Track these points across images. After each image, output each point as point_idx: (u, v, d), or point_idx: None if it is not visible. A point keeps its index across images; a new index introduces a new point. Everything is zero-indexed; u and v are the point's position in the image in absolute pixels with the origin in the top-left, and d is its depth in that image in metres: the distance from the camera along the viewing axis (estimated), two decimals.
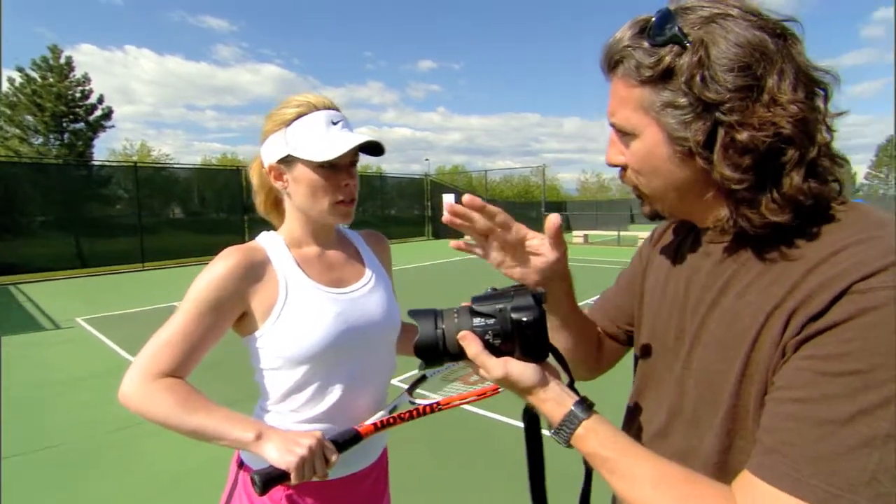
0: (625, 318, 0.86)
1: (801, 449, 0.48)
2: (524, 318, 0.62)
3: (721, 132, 0.54)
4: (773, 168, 0.54)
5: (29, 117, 20.00)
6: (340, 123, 1.00)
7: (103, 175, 15.30)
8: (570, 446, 0.60)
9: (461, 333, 0.63)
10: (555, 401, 0.61)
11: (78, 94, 20.91)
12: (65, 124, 20.67)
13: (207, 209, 16.74)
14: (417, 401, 1.02)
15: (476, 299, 0.65)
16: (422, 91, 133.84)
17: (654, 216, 0.69)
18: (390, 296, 1.14)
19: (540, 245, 0.72)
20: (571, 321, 0.83)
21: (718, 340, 0.60)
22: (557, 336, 0.82)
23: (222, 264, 0.95)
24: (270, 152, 1.02)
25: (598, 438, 0.58)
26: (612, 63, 0.61)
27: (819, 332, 0.49)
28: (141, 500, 2.65)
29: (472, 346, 0.62)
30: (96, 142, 21.81)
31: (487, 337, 0.63)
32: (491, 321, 0.63)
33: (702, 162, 0.56)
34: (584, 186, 55.54)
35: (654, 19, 0.56)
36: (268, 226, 1.14)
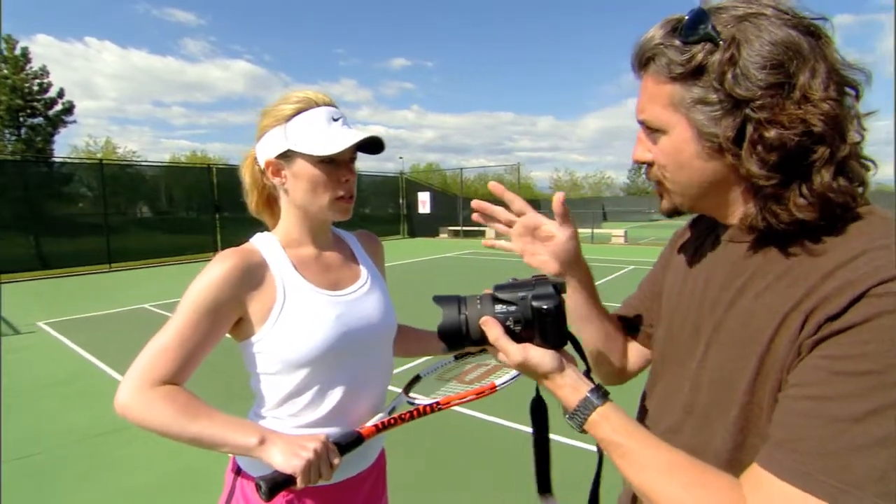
0: (648, 321, 0.87)
1: (812, 445, 0.49)
2: (544, 306, 0.65)
3: (750, 129, 0.55)
4: (802, 165, 0.54)
5: None
6: (341, 120, 1.00)
7: (65, 172, 14.64)
8: (583, 431, 0.62)
9: (483, 319, 0.66)
10: (571, 387, 0.64)
11: (35, 88, 19.99)
12: (21, 119, 19.73)
13: (176, 208, 16.26)
14: (416, 401, 1.02)
15: (498, 287, 0.69)
16: (395, 89, 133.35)
17: (673, 213, 0.69)
18: (386, 297, 1.14)
19: (552, 228, 0.77)
20: (595, 312, 0.85)
21: (734, 340, 0.61)
22: (585, 328, 0.85)
23: (218, 268, 0.93)
24: (268, 148, 1.00)
25: (611, 424, 0.60)
26: (643, 60, 0.62)
27: (836, 332, 0.50)
28: None
29: (493, 330, 0.65)
30: (56, 137, 20.92)
31: (508, 323, 0.66)
32: (512, 308, 0.66)
33: (731, 158, 0.57)
34: (558, 185, 56.22)
35: (686, 18, 0.57)
36: (239, 225, 1.14)
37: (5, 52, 19.19)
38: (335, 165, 0.99)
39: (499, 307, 0.67)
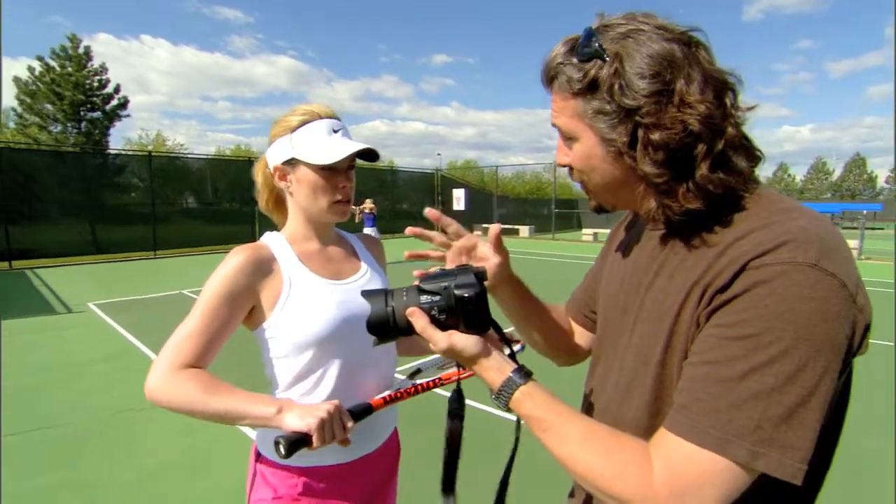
0: (590, 307, 0.94)
1: (705, 404, 0.55)
2: (466, 294, 0.68)
3: (640, 133, 0.61)
4: (686, 162, 0.61)
5: (48, 105, 20.33)
6: (340, 132, 1.10)
7: (118, 164, 15.55)
8: (508, 410, 0.66)
9: (409, 310, 0.69)
10: (495, 369, 0.67)
11: (95, 84, 21.20)
12: (82, 113, 20.95)
13: (220, 199, 16.94)
14: (419, 381, 1.11)
15: (423, 279, 0.71)
16: (436, 85, 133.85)
17: (599, 210, 0.76)
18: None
19: (486, 252, 0.85)
20: (535, 314, 0.94)
21: (651, 317, 0.67)
22: (529, 325, 0.94)
23: (233, 261, 1.03)
24: (276, 154, 1.11)
25: (534, 401, 0.64)
26: (549, 78, 0.68)
27: (724, 303, 0.57)
28: (135, 481, 2.73)
29: (419, 321, 0.68)
30: (112, 131, 22.11)
31: (434, 312, 0.69)
32: (436, 298, 0.69)
33: (629, 160, 0.63)
34: None
35: (580, 37, 0.64)
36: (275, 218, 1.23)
37: (70, 51, 20.45)
38: (334, 172, 1.09)
39: (423, 297, 0.69)
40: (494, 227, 0.82)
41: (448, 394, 0.81)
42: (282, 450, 0.85)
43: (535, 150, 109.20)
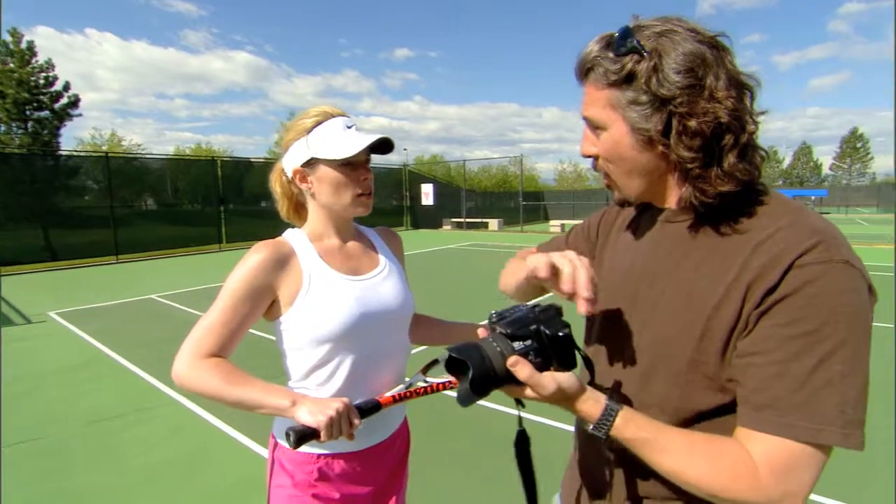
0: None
1: (786, 400, 0.61)
2: (560, 334, 0.69)
3: (675, 122, 0.67)
4: (715, 150, 0.67)
5: None
6: (353, 127, 1.13)
7: (71, 165, 14.82)
8: (608, 437, 0.68)
9: (511, 360, 0.68)
10: (593, 400, 0.70)
11: (42, 81, 20.11)
12: (28, 112, 19.84)
13: (181, 200, 16.43)
14: (430, 379, 1.10)
15: (505, 322, 0.71)
16: (398, 80, 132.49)
17: (624, 203, 0.82)
18: (403, 283, 1.27)
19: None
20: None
21: (677, 306, 0.72)
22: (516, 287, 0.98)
23: (255, 258, 1.07)
24: (293, 158, 1.14)
25: (636, 423, 0.68)
26: (584, 71, 0.74)
27: (776, 302, 0.63)
28: (122, 490, 2.70)
29: (524, 370, 0.68)
30: (62, 131, 21.03)
31: (530, 357, 0.69)
32: (528, 342, 0.70)
33: (661, 147, 0.69)
34: (562, 176, 55.99)
35: (616, 35, 0.70)
36: (244, 218, 1.28)
37: (11, 45, 19.30)
38: (353, 167, 1.12)
39: (517, 344, 0.69)
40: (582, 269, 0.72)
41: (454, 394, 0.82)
42: (291, 440, 0.90)
43: (499, 144, 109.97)
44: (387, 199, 22.63)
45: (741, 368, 0.65)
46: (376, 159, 1.20)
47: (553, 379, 0.68)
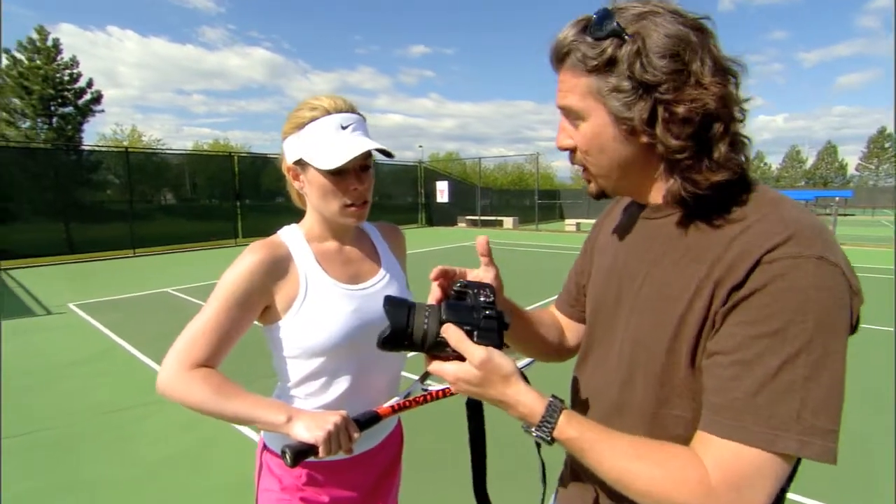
0: (580, 301, 0.93)
1: (743, 403, 0.56)
2: (488, 312, 0.68)
3: (661, 109, 0.62)
4: (705, 138, 0.62)
5: (16, 100, 19.65)
6: (350, 127, 1.02)
7: (93, 160, 15.10)
8: (552, 440, 0.63)
9: (445, 325, 0.68)
10: (535, 395, 0.64)
11: (66, 77, 20.55)
12: (53, 108, 20.31)
13: (199, 195, 16.62)
14: (430, 388, 1.07)
15: (451, 306, 0.71)
16: (414, 77, 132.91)
17: (600, 195, 0.75)
18: (404, 292, 1.19)
19: (478, 273, 0.81)
20: (527, 327, 0.92)
21: (652, 305, 0.68)
22: (523, 339, 0.92)
23: (248, 260, 1.00)
24: (288, 153, 1.07)
25: (579, 421, 0.63)
26: (560, 56, 0.68)
27: (742, 299, 0.58)
28: (137, 477, 2.71)
29: (455, 333, 0.67)
30: (85, 126, 21.49)
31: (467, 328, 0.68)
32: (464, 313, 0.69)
33: (646, 138, 0.64)
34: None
35: (594, 17, 0.64)
36: (260, 213, 1.20)
37: (38, 42, 19.75)
38: (342, 175, 1.03)
39: (451, 314, 0.69)
40: (481, 240, 0.79)
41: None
42: (288, 459, 0.86)
43: (515, 142, 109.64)
44: (402, 196, 22.62)
45: (706, 370, 0.61)
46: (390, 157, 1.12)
47: (486, 349, 0.65)
